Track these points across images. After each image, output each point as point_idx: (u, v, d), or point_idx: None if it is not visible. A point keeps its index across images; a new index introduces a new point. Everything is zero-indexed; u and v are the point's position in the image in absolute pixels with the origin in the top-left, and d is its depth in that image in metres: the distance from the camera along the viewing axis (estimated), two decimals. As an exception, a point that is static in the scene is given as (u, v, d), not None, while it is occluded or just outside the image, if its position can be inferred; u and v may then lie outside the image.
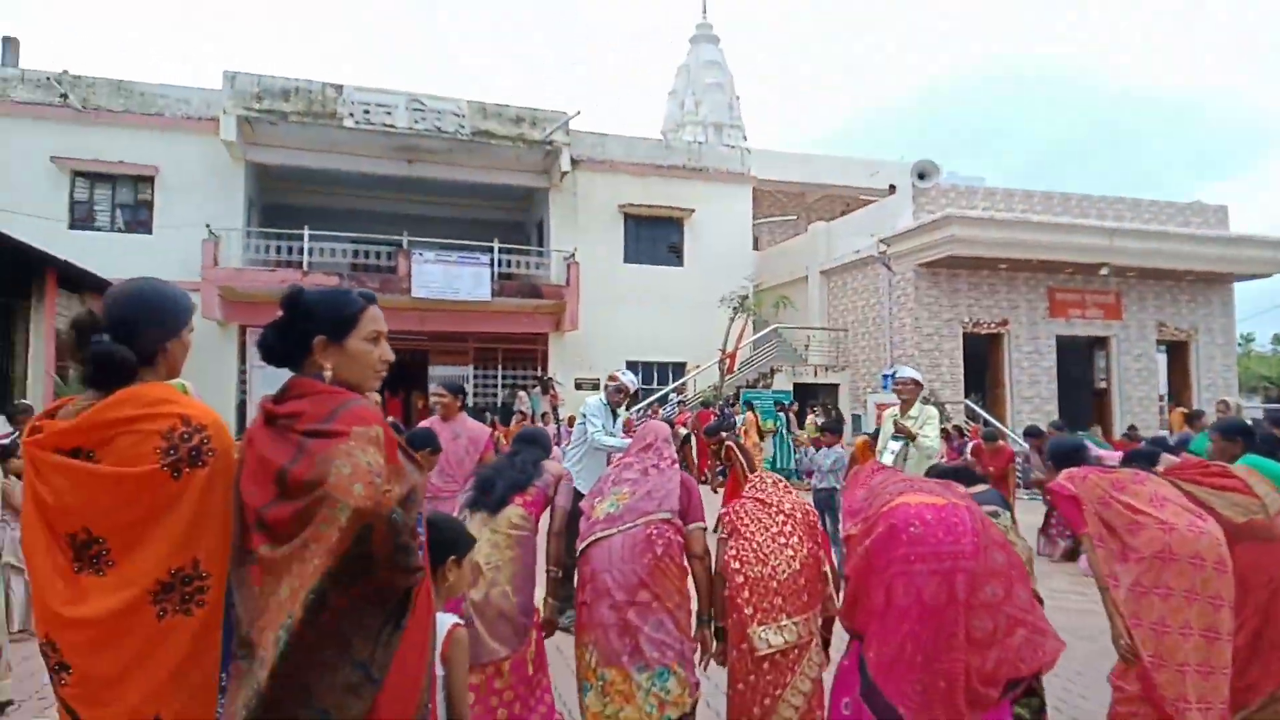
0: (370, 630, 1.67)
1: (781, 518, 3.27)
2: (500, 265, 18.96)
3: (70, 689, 1.66)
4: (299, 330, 1.83)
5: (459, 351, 20.53)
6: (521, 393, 18.95)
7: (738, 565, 3.16)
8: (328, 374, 1.82)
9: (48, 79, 17.02)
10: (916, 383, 6.16)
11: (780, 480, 3.56)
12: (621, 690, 2.98)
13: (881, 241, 18.27)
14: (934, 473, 3.81)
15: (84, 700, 1.67)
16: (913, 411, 6.07)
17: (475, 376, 20.43)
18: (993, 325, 18.34)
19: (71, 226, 16.84)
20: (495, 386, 20.66)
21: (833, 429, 8.44)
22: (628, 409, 6.48)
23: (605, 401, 6.07)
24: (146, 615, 1.68)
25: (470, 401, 18.90)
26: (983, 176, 21.10)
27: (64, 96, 16.96)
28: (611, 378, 6.27)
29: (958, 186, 18.56)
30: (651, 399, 18.98)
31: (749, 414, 14.58)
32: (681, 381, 20.08)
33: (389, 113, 17.98)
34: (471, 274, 18.22)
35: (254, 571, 1.65)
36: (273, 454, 1.69)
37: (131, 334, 1.78)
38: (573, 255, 19.29)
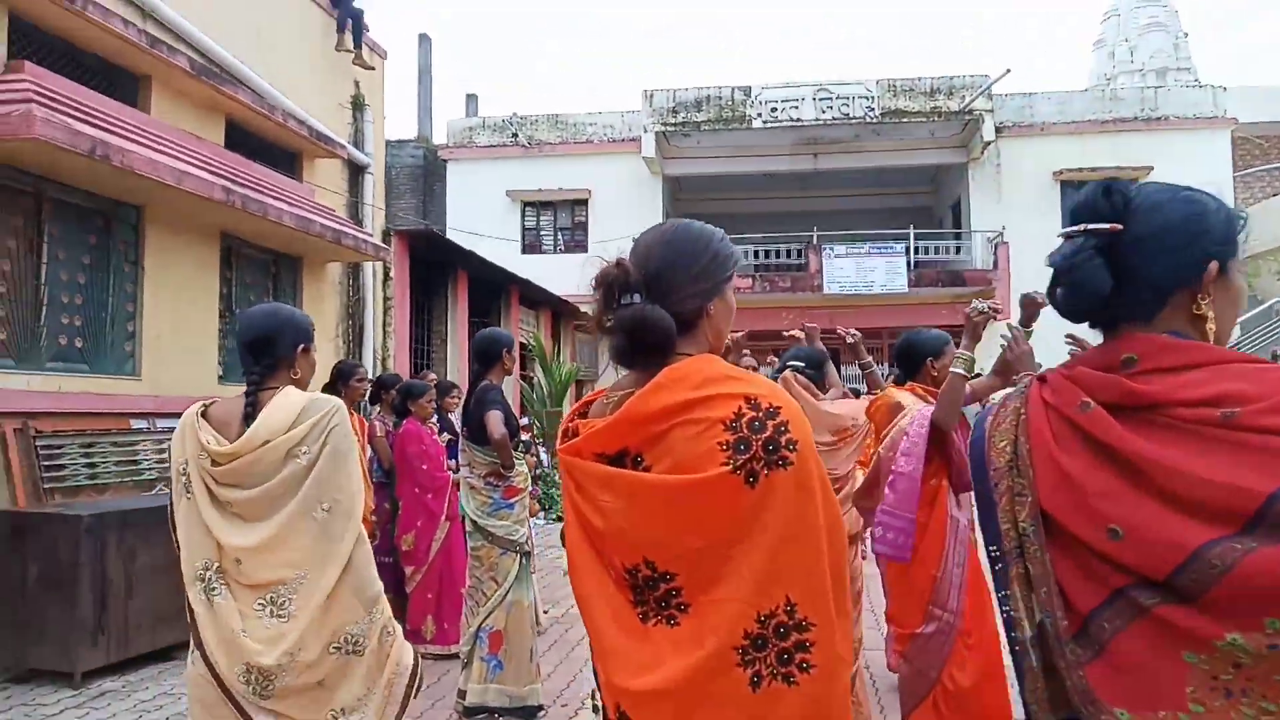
0: None
1: None
2: (913, 253, 17.84)
3: None
4: (1150, 249, 1.17)
5: (871, 349, 19.45)
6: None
7: None
8: (1212, 326, 1.16)
9: (501, 122, 19.42)
10: None
11: None
12: None
13: None
14: None
15: None
16: None
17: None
18: None
19: (523, 251, 18.96)
20: (913, 385, 19.30)
21: None
22: None
23: None
24: (736, 682, 1.18)
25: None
26: None
27: (514, 136, 19.24)
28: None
29: None
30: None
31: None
32: (1142, 373, 16.90)
33: (796, 106, 17.73)
34: (886, 265, 17.39)
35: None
36: (1206, 469, 1.04)
37: (668, 292, 1.32)
38: (1000, 235, 17.36)
